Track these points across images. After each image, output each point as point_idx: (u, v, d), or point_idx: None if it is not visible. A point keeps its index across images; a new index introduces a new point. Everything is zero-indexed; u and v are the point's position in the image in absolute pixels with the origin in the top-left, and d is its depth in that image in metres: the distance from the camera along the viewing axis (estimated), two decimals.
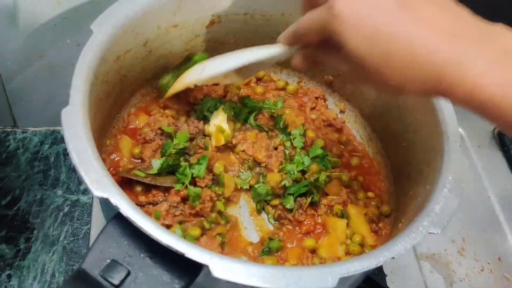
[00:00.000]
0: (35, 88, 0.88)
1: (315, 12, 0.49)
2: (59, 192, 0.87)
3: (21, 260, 0.78)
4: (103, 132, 0.67)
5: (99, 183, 0.46)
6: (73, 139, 0.48)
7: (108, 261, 0.44)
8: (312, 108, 0.85)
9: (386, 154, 0.80)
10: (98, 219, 0.78)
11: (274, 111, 0.80)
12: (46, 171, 0.89)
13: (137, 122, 0.75)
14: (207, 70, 0.67)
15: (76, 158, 0.47)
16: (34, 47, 0.81)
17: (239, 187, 0.72)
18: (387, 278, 0.75)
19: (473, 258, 0.86)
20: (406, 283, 0.79)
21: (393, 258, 0.50)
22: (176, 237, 0.45)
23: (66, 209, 0.85)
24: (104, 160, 0.64)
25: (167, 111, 0.76)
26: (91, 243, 0.58)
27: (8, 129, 0.93)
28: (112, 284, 0.44)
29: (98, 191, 0.45)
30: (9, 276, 0.76)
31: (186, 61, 0.74)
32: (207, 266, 0.44)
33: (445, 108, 0.65)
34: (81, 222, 0.84)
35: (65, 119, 0.49)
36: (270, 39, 0.79)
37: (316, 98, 0.86)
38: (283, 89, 0.87)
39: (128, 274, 0.44)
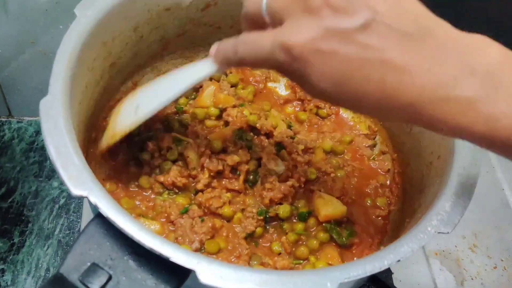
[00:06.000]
0: (29, 76, 0.85)
1: (262, 42, 0.41)
2: (55, 184, 0.84)
3: (15, 254, 0.75)
4: (91, 122, 0.63)
5: (78, 180, 0.42)
6: (51, 132, 0.44)
7: (88, 264, 0.41)
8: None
9: (391, 145, 0.76)
10: (89, 213, 0.75)
11: None
12: (41, 162, 0.86)
13: None
14: (141, 109, 0.57)
15: (53, 152, 0.43)
16: (26, 33, 0.78)
17: None
18: (393, 276, 0.71)
19: (486, 254, 0.82)
20: (414, 282, 0.76)
21: (399, 261, 0.46)
22: (161, 239, 0.41)
23: (61, 201, 0.82)
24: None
25: None
26: None
27: (3, 119, 0.91)
28: None
29: (76, 189, 0.41)
30: (2, 271, 0.74)
31: None
32: (194, 271, 0.40)
33: None
34: (77, 215, 0.81)
35: (44, 110, 0.45)
36: None
37: None
38: None
39: (110, 278, 0.40)
